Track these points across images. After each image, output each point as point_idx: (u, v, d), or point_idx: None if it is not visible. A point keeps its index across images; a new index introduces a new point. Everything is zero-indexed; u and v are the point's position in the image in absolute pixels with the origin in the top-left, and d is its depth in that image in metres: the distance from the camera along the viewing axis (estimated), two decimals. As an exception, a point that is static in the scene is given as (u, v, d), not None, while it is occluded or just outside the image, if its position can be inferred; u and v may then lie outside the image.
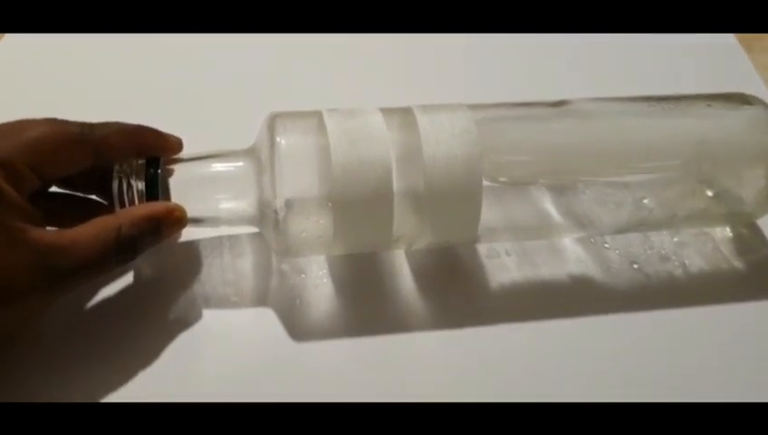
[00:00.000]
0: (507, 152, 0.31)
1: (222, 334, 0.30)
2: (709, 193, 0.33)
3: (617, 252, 0.33)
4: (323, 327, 0.31)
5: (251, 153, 0.30)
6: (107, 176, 0.29)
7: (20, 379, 0.28)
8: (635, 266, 0.33)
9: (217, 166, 0.30)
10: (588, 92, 0.33)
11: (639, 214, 0.33)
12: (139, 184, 0.29)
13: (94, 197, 0.32)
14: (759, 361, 0.30)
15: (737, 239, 0.34)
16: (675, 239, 0.34)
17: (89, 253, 0.26)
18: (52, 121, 0.28)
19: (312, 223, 0.29)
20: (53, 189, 0.31)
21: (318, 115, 0.30)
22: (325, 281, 0.32)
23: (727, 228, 0.35)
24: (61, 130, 0.28)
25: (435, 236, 0.30)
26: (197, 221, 0.30)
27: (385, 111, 0.30)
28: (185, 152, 0.31)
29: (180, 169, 0.30)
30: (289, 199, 0.28)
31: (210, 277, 0.32)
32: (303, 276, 0.32)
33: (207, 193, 0.30)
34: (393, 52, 0.43)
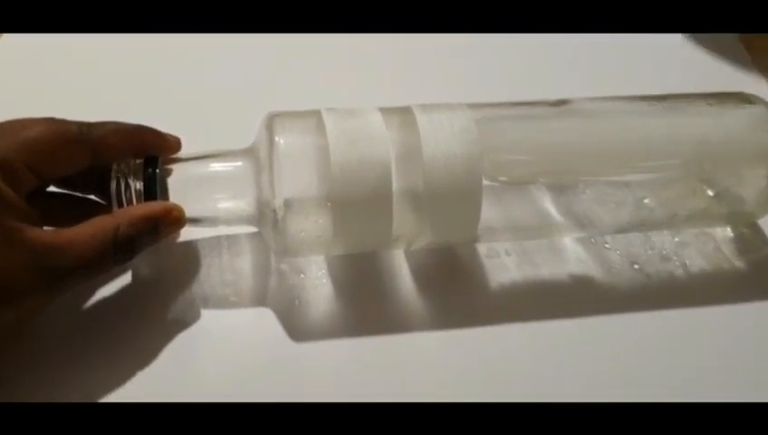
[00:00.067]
0: (507, 151, 0.31)
1: (221, 334, 0.30)
2: (710, 193, 0.33)
3: (617, 252, 0.33)
4: (322, 327, 0.30)
5: (250, 153, 0.30)
6: (105, 175, 0.29)
7: (18, 379, 0.28)
8: (635, 267, 0.33)
9: (216, 165, 0.30)
10: (588, 92, 0.33)
11: (640, 214, 0.33)
12: (138, 184, 0.29)
13: (92, 196, 0.32)
14: (759, 361, 0.30)
15: (738, 239, 0.34)
16: (675, 239, 0.34)
17: (86, 253, 0.26)
18: (50, 121, 0.28)
19: (311, 223, 0.29)
20: (51, 189, 0.31)
21: (317, 115, 0.30)
22: (324, 281, 0.32)
23: (728, 228, 0.35)
24: (59, 130, 0.28)
25: (434, 235, 0.30)
26: (196, 221, 0.30)
27: (384, 111, 0.30)
28: (183, 152, 0.31)
29: (179, 169, 0.30)
30: (288, 199, 0.28)
31: (209, 277, 0.32)
32: (302, 276, 0.32)
33: (206, 193, 0.30)
34: (393, 52, 0.43)
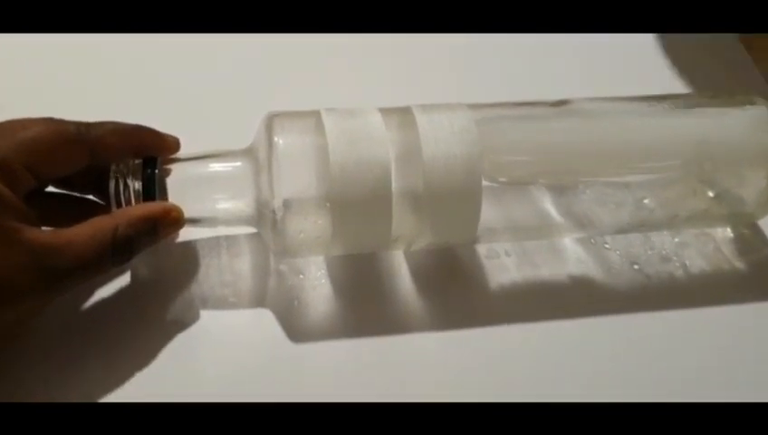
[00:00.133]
0: (507, 152, 0.31)
1: (220, 335, 0.30)
2: (710, 193, 0.33)
3: (617, 252, 0.33)
4: (322, 328, 0.30)
5: (249, 153, 0.30)
6: (104, 176, 0.29)
7: (17, 379, 0.28)
8: (635, 267, 0.33)
9: (215, 166, 0.30)
10: (588, 92, 0.33)
11: (640, 214, 0.32)
12: (136, 184, 0.29)
13: (91, 197, 0.31)
14: (759, 361, 0.30)
15: (738, 240, 0.34)
16: (675, 240, 0.34)
17: (85, 253, 0.26)
18: (48, 121, 0.28)
19: (311, 223, 0.29)
20: (50, 189, 0.30)
21: (316, 115, 0.29)
22: (323, 281, 0.32)
23: (728, 229, 0.35)
24: (57, 130, 0.28)
25: (434, 236, 0.30)
26: (195, 221, 0.30)
27: (384, 111, 0.30)
28: (182, 152, 0.31)
29: (178, 169, 0.30)
30: (287, 199, 0.28)
31: (208, 278, 0.32)
32: (302, 277, 0.32)
33: (205, 193, 0.30)
34: (393, 52, 0.43)
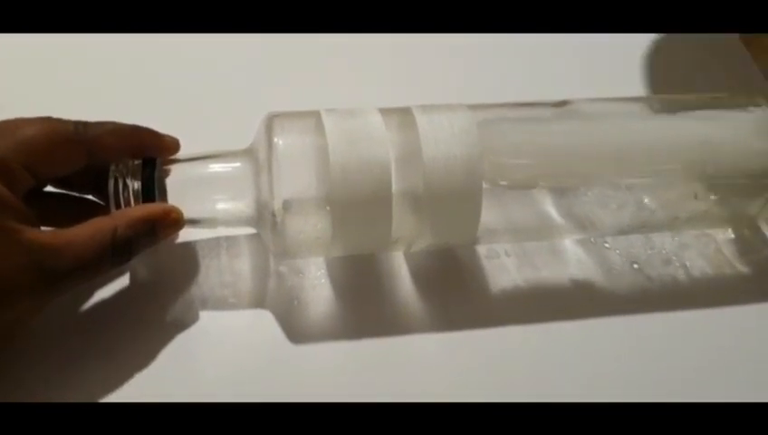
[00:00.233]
0: (508, 155, 0.31)
1: (219, 336, 0.30)
2: (712, 195, 0.33)
3: (617, 252, 0.33)
4: (321, 328, 0.30)
5: (248, 153, 0.30)
6: (103, 175, 0.29)
7: (17, 379, 0.28)
8: (635, 267, 0.33)
9: (215, 166, 0.30)
10: (588, 93, 0.33)
11: (641, 215, 0.32)
12: (135, 184, 0.28)
13: (90, 196, 0.31)
14: (760, 361, 0.30)
15: (739, 241, 0.34)
16: (676, 240, 0.34)
17: (84, 254, 0.26)
18: (46, 120, 0.28)
19: (311, 224, 0.29)
20: (49, 189, 0.30)
21: (316, 115, 0.29)
22: (323, 282, 0.32)
23: (729, 230, 0.35)
24: (55, 129, 0.28)
25: (434, 237, 0.30)
26: (194, 222, 0.30)
27: (384, 111, 0.30)
28: (182, 153, 0.30)
29: (177, 170, 0.29)
30: (287, 200, 0.28)
31: (207, 278, 0.31)
32: (301, 277, 0.32)
33: (204, 194, 0.30)
34: (393, 52, 0.43)
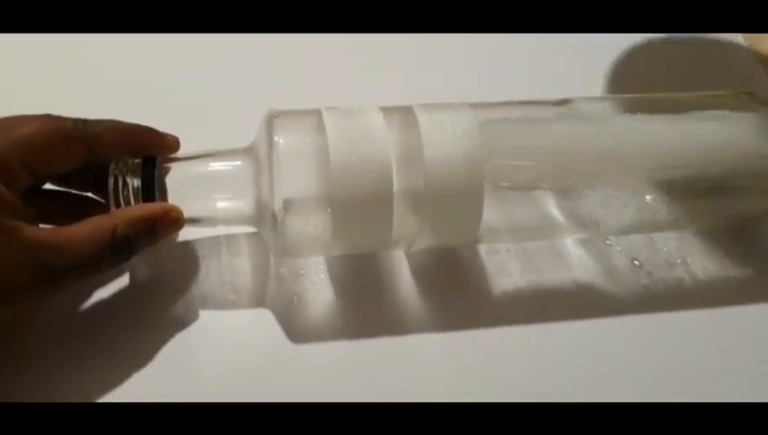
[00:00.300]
0: (509, 157, 0.30)
1: (219, 335, 0.30)
2: (715, 196, 0.33)
3: (620, 252, 0.33)
4: (322, 327, 0.30)
5: (249, 152, 0.29)
6: (102, 173, 0.29)
7: (16, 378, 0.28)
8: (636, 263, 0.33)
9: (215, 165, 0.30)
10: (589, 93, 0.33)
11: (644, 215, 0.32)
12: (135, 182, 0.28)
13: (90, 194, 0.31)
14: (760, 361, 0.30)
15: (742, 241, 0.34)
16: (679, 240, 0.34)
17: (84, 252, 0.26)
18: (45, 117, 0.28)
19: (311, 224, 0.29)
20: (48, 187, 0.30)
21: (317, 113, 0.29)
22: (324, 279, 0.32)
23: (732, 230, 0.34)
24: (54, 126, 0.27)
25: (435, 237, 0.30)
26: (195, 221, 0.30)
27: (385, 110, 0.30)
28: (182, 151, 0.30)
29: (177, 169, 0.29)
30: (287, 200, 0.28)
31: (207, 278, 0.31)
32: (302, 275, 0.32)
33: (205, 193, 0.30)
34: (393, 52, 0.42)
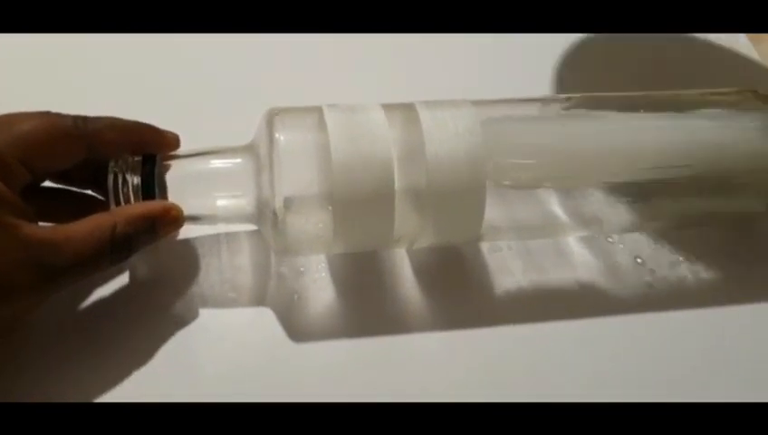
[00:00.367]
0: (512, 155, 0.30)
1: (219, 333, 0.30)
2: (718, 195, 0.32)
3: (621, 246, 0.33)
4: (322, 326, 0.30)
5: (249, 150, 0.29)
6: (102, 170, 0.28)
7: (14, 377, 0.28)
8: (638, 261, 0.33)
9: (215, 162, 0.29)
10: (587, 91, 0.33)
11: (646, 213, 0.32)
12: (135, 179, 0.28)
13: (89, 192, 0.31)
14: (761, 361, 0.30)
15: (746, 240, 0.34)
16: (682, 238, 0.34)
17: (83, 250, 0.26)
18: (44, 114, 0.28)
19: (312, 223, 0.28)
20: (47, 184, 0.30)
21: (318, 111, 0.29)
22: (324, 277, 0.31)
23: (736, 229, 0.34)
24: (53, 123, 0.27)
25: (437, 235, 0.30)
26: (195, 219, 0.29)
27: (387, 107, 0.29)
28: (182, 149, 0.30)
29: (177, 166, 0.29)
30: (288, 198, 0.28)
31: (207, 276, 0.31)
32: (302, 272, 0.32)
33: (205, 190, 0.29)
34: (393, 52, 0.42)
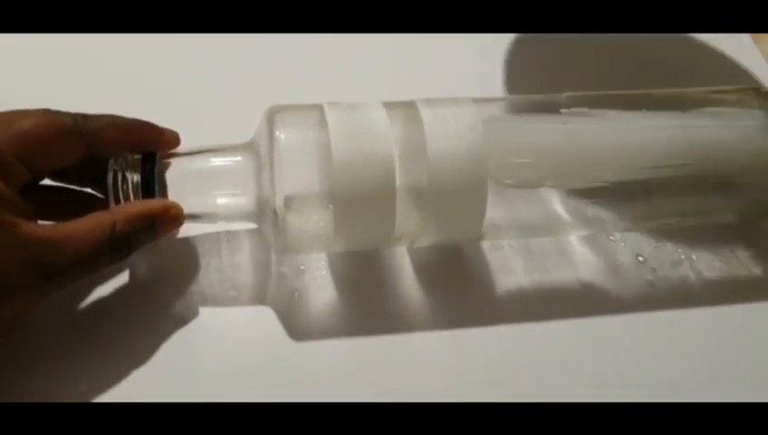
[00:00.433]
0: (513, 153, 0.30)
1: (219, 332, 0.30)
2: (720, 193, 0.32)
3: (622, 244, 0.33)
4: (323, 324, 0.30)
5: (250, 148, 0.29)
6: (102, 168, 0.28)
7: (14, 377, 0.28)
8: (640, 259, 0.33)
9: (215, 160, 0.29)
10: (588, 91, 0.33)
11: (648, 212, 0.32)
12: (135, 177, 0.28)
13: (89, 190, 0.31)
14: (762, 361, 0.30)
15: (747, 239, 0.34)
16: (683, 237, 0.34)
17: (83, 249, 0.26)
18: (43, 112, 0.27)
19: (313, 221, 0.28)
20: (47, 182, 0.30)
21: (319, 109, 0.29)
22: (325, 275, 0.31)
23: (737, 228, 0.34)
24: (52, 121, 0.27)
25: (438, 234, 0.30)
26: (195, 217, 0.29)
27: (388, 105, 0.29)
28: (182, 147, 0.30)
29: (177, 164, 0.29)
30: (288, 197, 0.28)
31: (207, 274, 0.31)
32: (303, 271, 0.31)
33: (205, 188, 0.29)
34: (393, 52, 0.42)
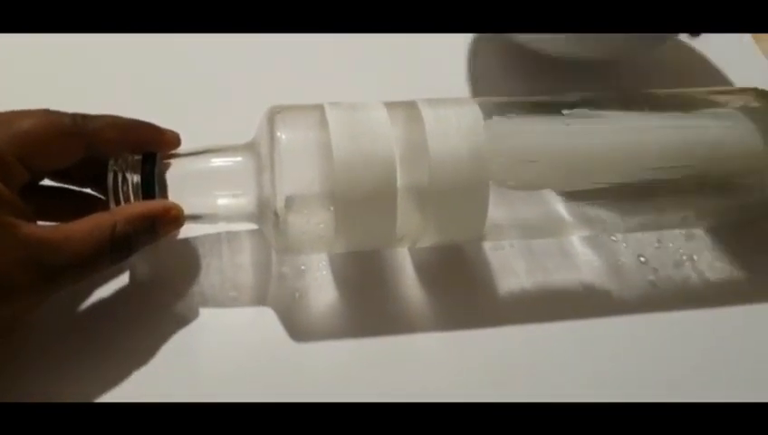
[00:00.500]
0: (514, 154, 0.30)
1: (220, 332, 0.30)
2: (721, 194, 0.32)
3: (624, 245, 0.33)
4: (324, 325, 0.30)
5: (250, 148, 0.29)
6: (102, 168, 0.28)
7: (14, 377, 0.28)
8: (642, 260, 0.33)
9: (216, 161, 0.29)
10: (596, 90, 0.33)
11: (650, 213, 0.32)
12: (135, 178, 0.28)
13: (89, 190, 0.31)
14: (762, 361, 0.30)
15: (749, 239, 0.34)
16: (685, 238, 0.34)
17: (83, 250, 0.26)
18: (43, 112, 0.27)
19: (313, 221, 0.28)
20: (47, 183, 0.30)
21: (320, 109, 0.29)
22: (326, 276, 0.31)
23: (739, 229, 0.34)
24: (52, 122, 0.27)
25: (439, 235, 0.30)
26: (195, 218, 0.29)
27: (389, 106, 0.29)
28: (182, 147, 0.30)
29: (178, 165, 0.29)
30: (289, 197, 0.28)
31: (208, 275, 0.31)
32: (304, 271, 0.31)
33: (205, 189, 0.29)
34: (393, 52, 0.42)
